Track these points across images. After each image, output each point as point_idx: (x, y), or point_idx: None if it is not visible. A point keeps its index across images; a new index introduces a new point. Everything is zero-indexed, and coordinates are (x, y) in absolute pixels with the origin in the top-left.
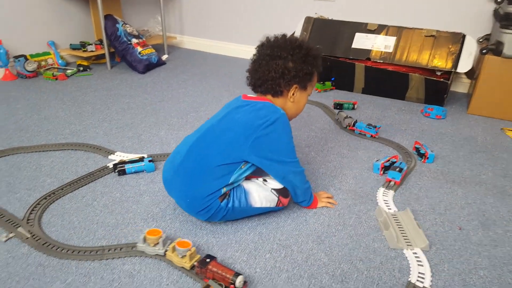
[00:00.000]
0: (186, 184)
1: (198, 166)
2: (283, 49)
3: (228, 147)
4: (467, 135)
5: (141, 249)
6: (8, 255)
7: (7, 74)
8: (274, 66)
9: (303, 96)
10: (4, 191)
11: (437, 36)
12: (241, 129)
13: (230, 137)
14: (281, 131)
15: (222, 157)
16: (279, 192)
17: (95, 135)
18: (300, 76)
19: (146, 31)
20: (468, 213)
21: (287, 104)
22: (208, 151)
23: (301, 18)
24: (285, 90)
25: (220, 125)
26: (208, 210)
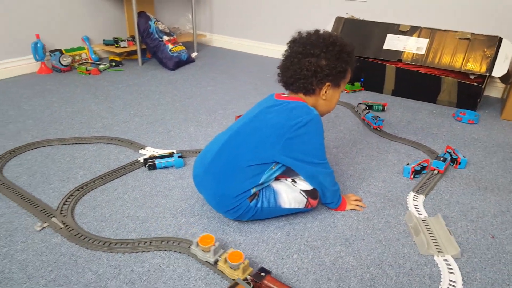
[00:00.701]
0: (216, 182)
1: (229, 165)
2: (315, 46)
3: (259, 147)
4: (500, 141)
5: (193, 252)
6: (42, 244)
7: (43, 67)
8: (307, 64)
9: (336, 93)
10: (39, 181)
11: (472, 39)
12: (272, 129)
13: (261, 137)
14: (313, 133)
15: (253, 157)
16: (308, 194)
17: (127, 129)
18: (333, 74)
19: (177, 29)
20: (501, 222)
21: (319, 101)
22: (239, 151)
23: (331, 18)
24: (318, 89)
25: (252, 124)
26: (237, 210)
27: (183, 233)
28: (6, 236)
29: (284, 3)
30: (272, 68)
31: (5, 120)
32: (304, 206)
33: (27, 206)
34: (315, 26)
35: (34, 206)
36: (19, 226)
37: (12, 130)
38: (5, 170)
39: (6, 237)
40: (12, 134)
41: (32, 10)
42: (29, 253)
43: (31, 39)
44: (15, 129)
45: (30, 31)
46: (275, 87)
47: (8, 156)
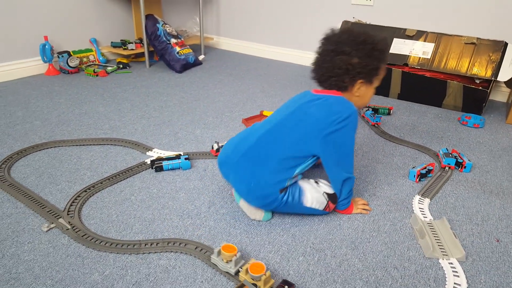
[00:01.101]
0: (254, 169)
1: (269, 154)
2: (347, 45)
3: (300, 140)
4: (505, 145)
5: (214, 262)
6: (49, 245)
7: (51, 69)
8: (338, 62)
9: (369, 90)
10: (46, 182)
11: (478, 43)
12: (315, 123)
13: (303, 130)
14: (350, 128)
15: (292, 149)
16: (330, 197)
17: (134, 131)
18: (365, 72)
19: (184, 31)
20: (506, 225)
21: (352, 98)
22: (280, 142)
23: (338, 22)
24: (350, 86)
25: (292, 118)
26: (267, 197)
27: (189, 234)
28: (13, 237)
29: (291, 6)
30: (279, 71)
31: (13, 121)
32: (323, 208)
33: (34, 207)
34: (322, 29)
35: (41, 207)
36: (26, 227)
37: (19, 131)
38: (12, 171)
39: (13, 237)
40: (19, 135)
41: (40, 12)
42: (36, 253)
43: (39, 40)
44: (23, 130)
45: (38, 33)
46: (282, 90)
47: (15, 157)
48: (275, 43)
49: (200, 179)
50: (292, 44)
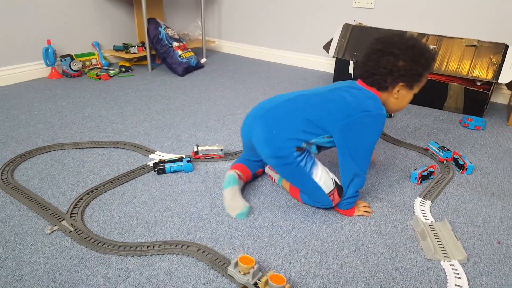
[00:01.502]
0: (279, 119)
1: (295, 112)
2: (395, 47)
3: (325, 115)
4: (507, 147)
5: (230, 274)
6: (52, 247)
7: (53, 72)
8: (384, 62)
9: (408, 94)
10: (49, 185)
11: (479, 46)
12: (344, 106)
13: (331, 108)
14: (374, 127)
15: (316, 118)
16: (337, 187)
17: (136, 134)
18: (408, 76)
19: (186, 35)
20: (507, 227)
21: (390, 99)
22: (308, 108)
23: (339, 24)
24: (391, 87)
25: (328, 94)
26: (282, 150)
27: (191, 237)
28: (17, 239)
29: (292, 10)
30: (280, 74)
31: (16, 124)
32: (328, 193)
33: (38, 209)
34: (323, 32)
35: (44, 210)
36: (29, 229)
37: (23, 134)
38: (16, 174)
39: (16, 240)
40: (23, 138)
41: (43, 16)
42: (39, 255)
43: (42, 44)
44: (26, 133)
45: (41, 36)
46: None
47: (19, 160)
48: (277, 46)
49: (202, 182)
50: (293, 47)
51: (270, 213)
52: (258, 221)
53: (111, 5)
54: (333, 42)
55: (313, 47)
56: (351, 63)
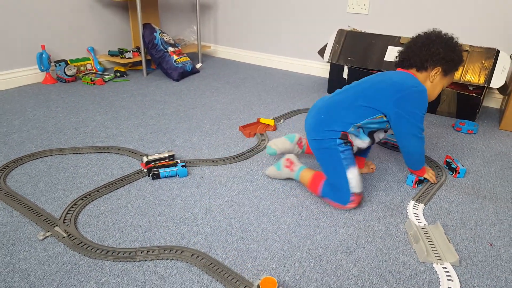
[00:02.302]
0: (333, 106)
1: (345, 98)
2: (436, 41)
3: (376, 95)
4: (499, 150)
5: None
6: (44, 253)
7: (48, 78)
8: (427, 47)
9: (442, 81)
10: (43, 191)
11: (471, 51)
12: (393, 85)
13: (381, 88)
14: (423, 101)
15: (366, 100)
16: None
17: (131, 139)
18: (446, 61)
19: (181, 40)
20: (499, 230)
21: (426, 82)
22: (358, 92)
23: (334, 30)
24: (430, 68)
25: (375, 78)
26: (327, 133)
27: (186, 242)
28: (9, 245)
29: (287, 15)
30: (275, 79)
31: (9, 130)
32: (352, 192)
33: (30, 215)
34: (318, 38)
35: (37, 215)
36: (22, 235)
37: (16, 139)
38: (8, 180)
39: (8, 246)
40: (16, 143)
41: (37, 20)
42: (31, 262)
43: (37, 49)
44: (19, 139)
45: (36, 41)
46: (279, 98)
47: (12, 166)
48: (272, 51)
49: (196, 186)
50: (288, 52)
51: (264, 218)
52: (253, 225)
53: (106, 10)
54: (327, 47)
55: (308, 52)
56: (345, 68)
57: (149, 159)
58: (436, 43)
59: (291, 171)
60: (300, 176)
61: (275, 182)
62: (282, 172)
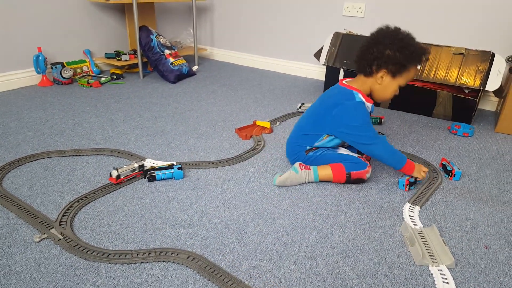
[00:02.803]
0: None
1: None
2: (386, 37)
3: (316, 121)
4: (494, 153)
5: None
6: (40, 255)
7: (44, 80)
8: (372, 50)
9: (392, 84)
10: (39, 193)
11: (466, 54)
12: (326, 109)
13: (318, 115)
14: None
15: (310, 128)
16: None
17: (127, 141)
18: (391, 64)
19: (178, 43)
20: (495, 232)
21: (375, 86)
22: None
23: (330, 33)
24: (375, 73)
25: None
26: (296, 155)
27: (181, 244)
28: (5, 248)
29: (283, 18)
30: (272, 81)
31: (5, 132)
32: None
33: (26, 218)
34: (314, 40)
35: (33, 218)
36: (17, 237)
37: (12, 142)
38: (4, 182)
39: (4, 248)
40: (12, 146)
41: (33, 23)
42: (27, 264)
43: (33, 51)
44: (16, 141)
45: (32, 43)
46: (275, 100)
47: (8, 168)
48: (268, 54)
49: (192, 189)
50: (284, 55)
51: (260, 220)
52: (249, 228)
53: (103, 12)
54: (323, 50)
55: (304, 55)
56: (341, 70)
57: (120, 173)
58: (380, 44)
59: (309, 170)
60: (319, 172)
61: (271, 185)
62: (299, 175)
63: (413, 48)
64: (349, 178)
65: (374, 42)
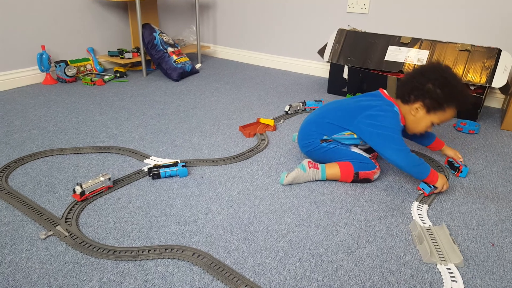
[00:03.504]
0: (314, 124)
1: (322, 118)
2: (433, 72)
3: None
4: (500, 151)
5: None
6: (46, 252)
7: (48, 78)
8: (415, 80)
9: (425, 118)
10: (44, 191)
11: (472, 50)
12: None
13: (348, 107)
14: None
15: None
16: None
17: (131, 139)
18: (429, 99)
19: (181, 40)
20: (501, 230)
21: (409, 116)
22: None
23: (334, 30)
24: (411, 102)
25: (346, 100)
26: (310, 144)
27: (186, 241)
28: (11, 244)
29: (287, 15)
30: (275, 79)
31: (10, 130)
32: (368, 157)
33: (32, 215)
34: (318, 37)
35: (39, 215)
36: (23, 235)
37: (17, 139)
38: (10, 179)
39: (11, 245)
40: (17, 143)
41: (37, 21)
42: (33, 261)
43: (37, 50)
44: (20, 139)
45: (36, 42)
46: (279, 98)
47: (13, 166)
48: (272, 52)
49: (197, 186)
50: (288, 52)
51: (265, 217)
52: (253, 225)
53: (106, 10)
54: (327, 47)
55: (308, 52)
56: (345, 68)
57: (84, 189)
58: (425, 76)
59: (317, 169)
60: (327, 171)
61: (275, 183)
62: (307, 174)
63: (455, 89)
64: (356, 177)
65: (419, 73)
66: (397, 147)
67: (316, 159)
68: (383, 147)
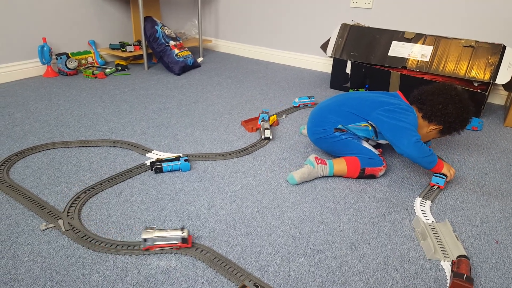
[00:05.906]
0: (328, 111)
1: (340, 106)
2: (458, 97)
3: (361, 103)
4: (504, 147)
5: None
6: (48, 246)
7: (49, 71)
8: (439, 101)
9: (434, 135)
10: (46, 184)
11: (476, 46)
12: (378, 102)
13: (368, 99)
14: (408, 115)
15: (352, 107)
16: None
17: (133, 133)
18: (444, 122)
19: (183, 34)
20: (505, 227)
21: (423, 128)
22: (348, 103)
23: (337, 24)
24: (433, 122)
25: (366, 93)
26: (324, 132)
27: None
28: (13, 238)
29: (289, 9)
30: (277, 73)
31: (11, 123)
32: (378, 154)
33: (34, 208)
34: (321, 32)
35: (41, 208)
36: (25, 228)
37: (18, 132)
38: (11, 172)
39: (12, 238)
40: (18, 136)
41: (39, 14)
42: (35, 254)
43: (38, 42)
44: (22, 132)
45: (37, 34)
46: (281, 92)
47: (14, 158)
48: (274, 46)
49: (199, 181)
50: (290, 46)
51: (268, 213)
52: (256, 220)
53: (108, 3)
54: (330, 42)
55: (311, 47)
56: (348, 63)
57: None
58: (451, 101)
59: (325, 165)
60: (335, 166)
61: (278, 178)
62: (315, 170)
63: (468, 116)
64: (362, 173)
65: (446, 94)
66: (413, 138)
67: (324, 148)
68: (400, 137)
